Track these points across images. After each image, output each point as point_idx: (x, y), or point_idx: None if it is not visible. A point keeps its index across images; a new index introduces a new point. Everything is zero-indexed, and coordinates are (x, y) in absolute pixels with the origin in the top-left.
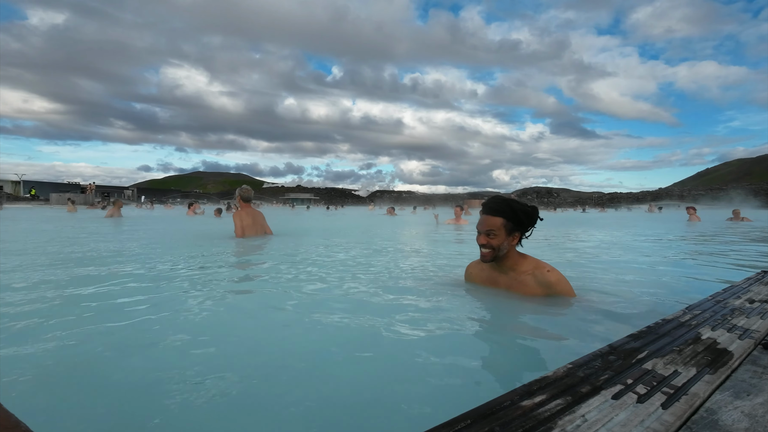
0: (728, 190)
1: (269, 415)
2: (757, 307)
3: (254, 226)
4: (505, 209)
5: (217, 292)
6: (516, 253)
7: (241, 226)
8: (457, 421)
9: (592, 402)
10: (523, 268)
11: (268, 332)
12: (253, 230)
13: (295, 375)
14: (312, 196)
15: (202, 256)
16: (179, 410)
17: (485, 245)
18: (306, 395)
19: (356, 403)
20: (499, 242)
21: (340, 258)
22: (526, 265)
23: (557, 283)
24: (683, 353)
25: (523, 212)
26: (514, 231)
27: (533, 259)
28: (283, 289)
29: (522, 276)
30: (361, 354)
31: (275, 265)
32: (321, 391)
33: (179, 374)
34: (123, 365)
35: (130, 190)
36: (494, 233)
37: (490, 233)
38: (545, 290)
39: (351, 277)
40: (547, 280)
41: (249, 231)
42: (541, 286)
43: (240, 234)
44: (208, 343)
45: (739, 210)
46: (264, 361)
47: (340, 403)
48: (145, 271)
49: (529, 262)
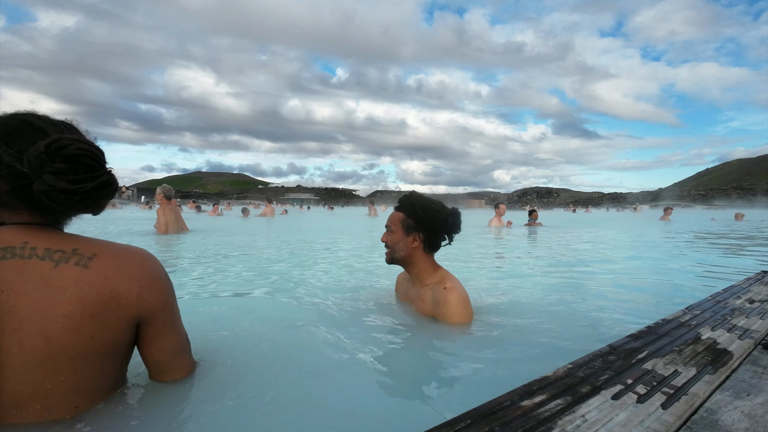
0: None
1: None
2: (757, 307)
3: (177, 222)
4: (406, 204)
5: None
6: (426, 263)
7: (165, 222)
8: (457, 421)
9: (592, 402)
10: (428, 281)
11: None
12: (176, 227)
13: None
14: (312, 196)
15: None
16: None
17: (385, 243)
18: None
19: (357, 402)
20: (394, 240)
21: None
22: (432, 278)
23: (446, 303)
24: (683, 353)
25: (423, 209)
26: (413, 230)
27: (444, 272)
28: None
29: (423, 289)
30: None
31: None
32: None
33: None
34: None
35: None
36: (391, 229)
37: (389, 228)
38: (434, 310)
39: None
40: (439, 298)
41: (172, 227)
42: (434, 304)
43: (164, 230)
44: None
45: (743, 214)
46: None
47: (337, 403)
48: None
49: (437, 275)
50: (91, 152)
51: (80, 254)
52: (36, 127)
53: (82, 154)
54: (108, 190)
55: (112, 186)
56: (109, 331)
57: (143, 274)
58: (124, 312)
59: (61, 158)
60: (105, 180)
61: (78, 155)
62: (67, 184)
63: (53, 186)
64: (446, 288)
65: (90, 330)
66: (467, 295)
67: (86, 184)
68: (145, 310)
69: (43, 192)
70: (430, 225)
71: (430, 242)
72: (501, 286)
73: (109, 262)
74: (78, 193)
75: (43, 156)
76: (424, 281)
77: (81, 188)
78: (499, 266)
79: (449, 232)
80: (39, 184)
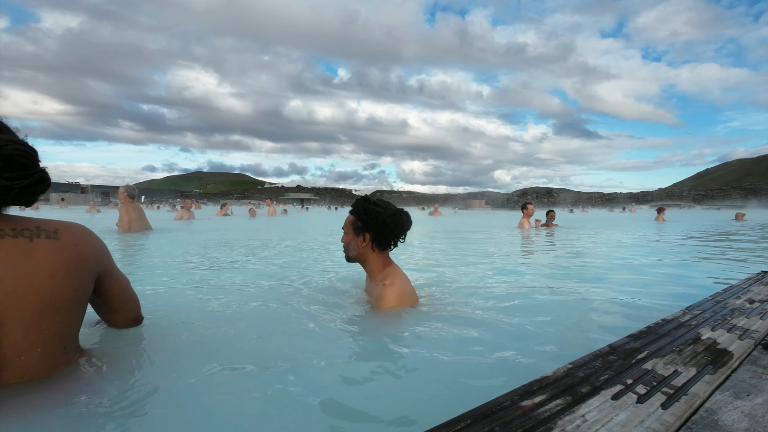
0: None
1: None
2: (757, 307)
3: (139, 220)
4: (357, 207)
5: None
6: (376, 261)
7: (128, 220)
8: (457, 421)
9: (592, 402)
10: (377, 277)
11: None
12: (138, 225)
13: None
14: (312, 196)
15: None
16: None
17: (343, 244)
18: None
19: (354, 404)
20: (346, 240)
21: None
22: (380, 275)
23: (382, 297)
24: (683, 353)
25: (366, 211)
26: (361, 231)
27: (393, 269)
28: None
29: (373, 284)
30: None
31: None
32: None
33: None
34: None
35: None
36: (345, 230)
37: (343, 230)
38: (375, 302)
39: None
40: (379, 293)
41: (135, 226)
42: (376, 298)
43: (126, 228)
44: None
45: (743, 213)
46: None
47: (336, 404)
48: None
49: (385, 272)
50: (26, 152)
51: (45, 230)
52: None
53: (18, 154)
54: (41, 186)
55: (45, 182)
56: (83, 284)
57: (95, 240)
58: (90, 268)
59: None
60: (38, 177)
61: (13, 155)
62: (3, 180)
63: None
64: (386, 284)
65: (71, 284)
66: (406, 290)
67: (21, 181)
68: (101, 266)
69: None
70: (374, 225)
71: (378, 241)
72: (501, 286)
73: (71, 234)
74: (15, 189)
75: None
76: (374, 277)
77: (16, 185)
78: (498, 267)
79: (395, 230)
80: None
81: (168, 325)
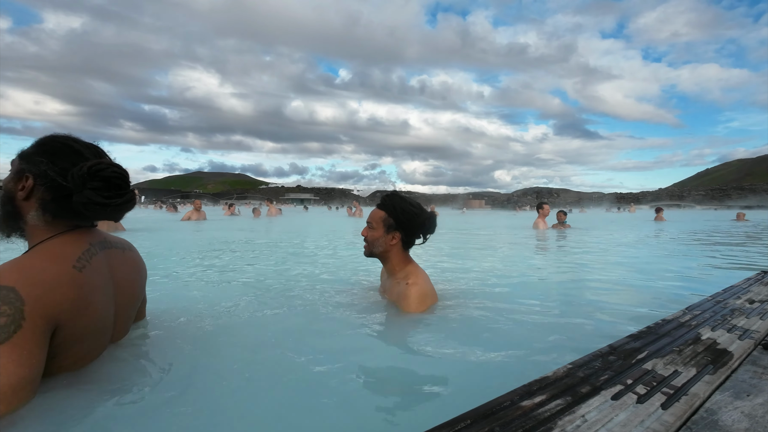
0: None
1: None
2: (757, 308)
3: (107, 222)
4: (388, 204)
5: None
6: (400, 259)
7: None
8: (457, 421)
9: (592, 402)
10: (399, 275)
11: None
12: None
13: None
14: (312, 196)
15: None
16: None
17: (364, 238)
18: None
19: (354, 404)
20: (374, 236)
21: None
22: (402, 272)
23: (406, 297)
24: (683, 353)
25: (403, 212)
26: (393, 229)
27: (413, 267)
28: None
29: (394, 282)
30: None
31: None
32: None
33: None
34: None
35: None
36: (372, 225)
37: (370, 224)
38: (398, 301)
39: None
40: (402, 291)
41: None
42: (397, 296)
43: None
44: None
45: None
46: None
47: (335, 404)
48: None
49: (406, 270)
50: (121, 175)
51: (128, 244)
52: (75, 149)
53: (115, 176)
54: (131, 204)
55: (134, 201)
56: (143, 288)
57: (142, 257)
58: (144, 276)
59: (99, 179)
60: (129, 197)
61: (112, 177)
62: (102, 198)
63: (91, 199)
64: (408, 283)
65: (142, 288)
66: (428, 290)
67: (116, 200)
68: (146, 277)
69: (82, 203)
70: (409, 225)
71: (407, 241)
72: (501, 286)
73: (136, 250)
74: (110, 206)
75: (86, 175)
76: (396, 275)
77: (113, 203)
78: (499, 266)
79: (425, 232)
80: (79, 197)
81: (182, 329)
